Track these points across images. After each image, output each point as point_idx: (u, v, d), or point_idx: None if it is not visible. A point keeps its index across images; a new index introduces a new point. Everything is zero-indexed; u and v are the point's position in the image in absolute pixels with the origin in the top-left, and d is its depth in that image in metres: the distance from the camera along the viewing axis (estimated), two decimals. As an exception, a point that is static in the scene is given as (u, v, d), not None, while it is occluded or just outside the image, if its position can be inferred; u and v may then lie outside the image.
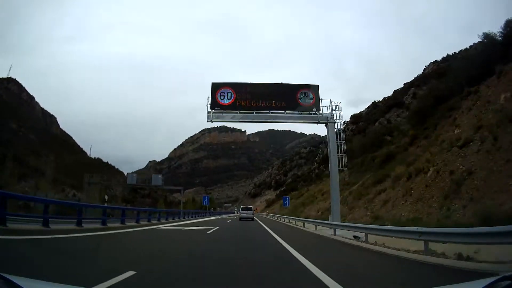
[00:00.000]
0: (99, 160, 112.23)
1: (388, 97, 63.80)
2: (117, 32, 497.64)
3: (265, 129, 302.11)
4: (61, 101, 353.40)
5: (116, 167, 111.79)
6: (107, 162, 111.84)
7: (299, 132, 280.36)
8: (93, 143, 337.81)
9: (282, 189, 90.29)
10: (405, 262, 6.60)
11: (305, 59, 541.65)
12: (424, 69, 69.83)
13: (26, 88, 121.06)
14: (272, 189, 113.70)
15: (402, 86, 64.34)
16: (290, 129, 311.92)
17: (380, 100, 65.86)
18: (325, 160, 65.70)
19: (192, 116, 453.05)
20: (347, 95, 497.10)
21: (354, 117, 65.59)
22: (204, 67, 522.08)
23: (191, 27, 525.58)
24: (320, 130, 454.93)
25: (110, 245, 8.34)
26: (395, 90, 64.97)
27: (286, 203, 40.38)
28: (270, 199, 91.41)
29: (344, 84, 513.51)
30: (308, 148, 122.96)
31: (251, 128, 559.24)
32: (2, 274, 1.69)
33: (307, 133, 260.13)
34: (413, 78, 63.38)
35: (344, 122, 71.87)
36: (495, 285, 1.66)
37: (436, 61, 69.25)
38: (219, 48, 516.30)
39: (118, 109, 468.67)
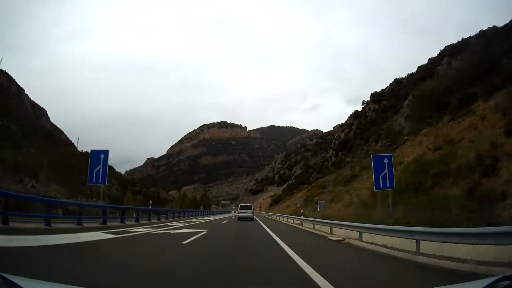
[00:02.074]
0: (86, 154, 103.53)
1: (412, 74, 59.23)
2: (116, 31, 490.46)
3: (266, 125, 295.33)
4: (60, 100, 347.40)
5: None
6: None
7: (300, 128, 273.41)
8: (92, 142, 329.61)
9: (290, 182, 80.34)
10: None
11: (305, 58, 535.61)
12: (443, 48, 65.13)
13: (17, 81, 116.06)
14: (275, 185, 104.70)
15: (426, 62, 59.51)
16: (291, 125, 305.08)
17: (403, 76, 61.06)
18: (344, 145, 57.39)
19: (191, 114, 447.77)
20: (346, 94, 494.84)
21: (375, 95, 59.77)
22: (204, 65, 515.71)
23: (191, 26, 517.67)
24: (322, 126, 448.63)
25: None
26: (419, 66, 60.25)
27: (386, 181, 13.37)
28: (276, 195, 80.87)
29: (344, 83, 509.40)
30: (314, 140, 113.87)
31: (252, 124, 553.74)
32: (2, 274, 1.65)
33: (309, 129, 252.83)
34: (442, 48, 58.45)
35: (364, 101, 64.82)
36: (495, 285, 1.60)
37: (452, 43, 65.92)
38: (219, 47, 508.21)
39: (117, 108, 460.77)
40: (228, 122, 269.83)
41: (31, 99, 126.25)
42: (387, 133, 34.99)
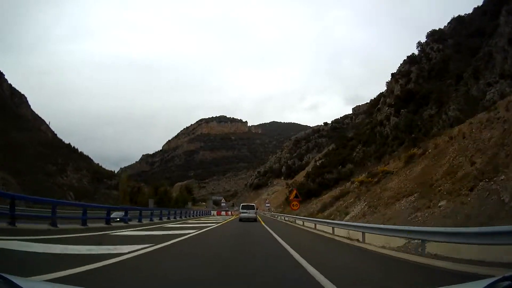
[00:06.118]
0: (59, 141, 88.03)
1: (469, 14, 49.99)
2: (115, 30, 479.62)
3: (268, 121, 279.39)
4: (59, 100, 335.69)
5: (80, 151, 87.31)
6: (69, 143, 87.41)
7: (304, 124, 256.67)
8: (90, 141, 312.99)
9: (319, 162, 58.78)
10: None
11: (304, 57, 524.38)
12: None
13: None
14: (282, 177, 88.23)
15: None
16: (294, 122, 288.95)
17: (464, 14, 50.79)
18: (408, 99, 36.59)
19: (190, 112, 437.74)
20: (346, 93, 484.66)
21: (435, 33, 47.75)
22: (203, 63, 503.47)
23: (190, 24, 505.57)
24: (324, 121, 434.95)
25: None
26: (475, 8, 50.53)
27: None
28: (295, 183, 57.28)
29: (343, 82, 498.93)
30: (329, 125, 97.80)
31: (253, 119, 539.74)
32: (2, 274, 1.63)
33: (312, 125, 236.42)
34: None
35: (419, 43, 49.34)
36: (495, 286, 1.59)
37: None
38: (219, 45, 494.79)
39: (115, 106, 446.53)
40: (228, 116, 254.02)
41: (12, 85, 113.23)
42: None
